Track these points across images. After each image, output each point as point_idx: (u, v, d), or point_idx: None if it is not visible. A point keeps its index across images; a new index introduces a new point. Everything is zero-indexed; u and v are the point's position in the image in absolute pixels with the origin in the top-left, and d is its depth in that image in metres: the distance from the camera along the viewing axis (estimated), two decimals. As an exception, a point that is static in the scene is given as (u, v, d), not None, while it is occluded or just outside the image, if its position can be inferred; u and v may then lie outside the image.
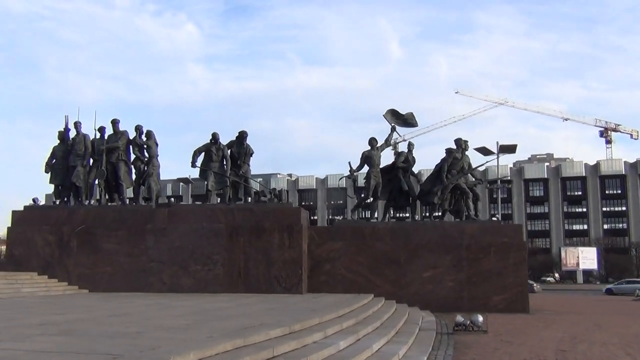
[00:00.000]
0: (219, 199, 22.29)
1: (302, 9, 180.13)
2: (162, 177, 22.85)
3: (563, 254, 73.41)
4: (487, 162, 22.71)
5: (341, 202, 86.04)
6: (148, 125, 25.29)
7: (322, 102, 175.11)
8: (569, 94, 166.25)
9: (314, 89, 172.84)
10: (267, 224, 20.40)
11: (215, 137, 21.43)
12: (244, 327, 8.80)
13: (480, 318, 14.09)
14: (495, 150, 46.68)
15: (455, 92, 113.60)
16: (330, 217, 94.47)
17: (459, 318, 14.18)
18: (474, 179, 22.47)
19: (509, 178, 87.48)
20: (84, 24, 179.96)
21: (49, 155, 22.11)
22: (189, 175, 57.73)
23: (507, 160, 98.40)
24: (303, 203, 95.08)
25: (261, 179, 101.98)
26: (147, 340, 7.27)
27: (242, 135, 21.73)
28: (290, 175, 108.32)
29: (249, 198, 21.72)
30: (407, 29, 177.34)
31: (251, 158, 21.96)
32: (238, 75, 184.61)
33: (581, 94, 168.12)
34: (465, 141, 22.28)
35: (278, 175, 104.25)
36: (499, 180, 43.79)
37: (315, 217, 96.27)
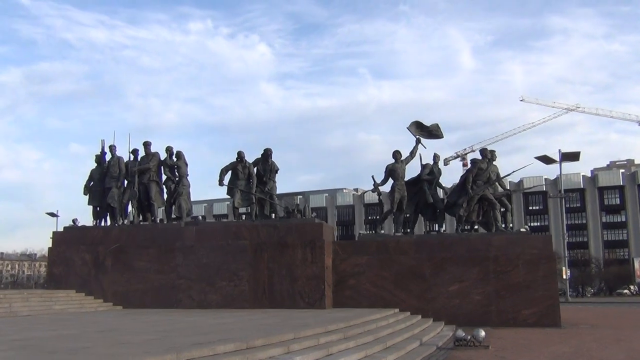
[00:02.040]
0: (244, 216, 22.70)
1: (372, 24, 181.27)
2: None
3: (637, 265, 69.85)
4: (513, 172, 21.98)
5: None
6: (224, 144, 26.23)
7: (394, 115, 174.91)
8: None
9: (386, 103, 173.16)
10: (290, 239, 20.62)
11: (240, 155, 21.91)
12: (199, 343, 9.02)
13: (482, 333, 13.73)
14: (557, 158, 45.78)
15: (520, 100, 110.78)
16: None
17: (460, 333, 13.88)
18: (502, 190, 21.86)
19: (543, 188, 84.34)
20: (163, 50, 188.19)
21: (87, 178, 23.25)
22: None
23: (583, 168, 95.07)
24: (369, 217, 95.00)
25: (327, 194, 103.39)
26: (82, 356, 7.60)
27: (267, 153, 22.10)
28: (356, 189, 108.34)
29: (274, 215, 22.00)
30: (479, 38, 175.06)
31: (277, 175, 22.29)
32: (310, 92, 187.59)
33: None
34: (492, 151, 21.81)
35: (344, 191, 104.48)
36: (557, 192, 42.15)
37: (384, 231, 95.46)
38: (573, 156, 45.57)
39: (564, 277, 48.38)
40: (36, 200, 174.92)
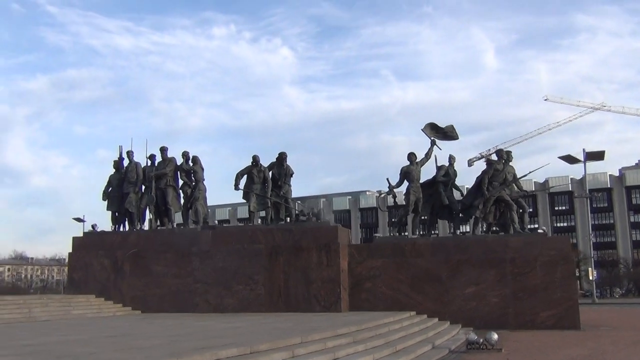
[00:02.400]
0: (259, 220, 22.78)
1: (395, 26, 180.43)
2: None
3: (667, 265, 68.41)
4: (530, 172, 21.69)
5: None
6: (248, 147, 26.46)
7: (418, 117, 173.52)
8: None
9: (410, 105, 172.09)
10: (305, 243, 20.63)
11: (255, 159, 22.00)
12: (203, 347, 9.07)
13: (495, 336, 13.58)
14: (582, 158, 45.10)
15: (545, 99, 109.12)
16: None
17: (472, 336, 13.76)
18: (519, 191, 21.61)
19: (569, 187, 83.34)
20: (187, 55, 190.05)
21: (106, 183, 23.54)
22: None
23: (611, 167, 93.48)
24: (393, 220, 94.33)
25: (350, 197, 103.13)
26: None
27: (282, 157, 22.17)
28: (379, 192, 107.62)
29: (288, 218, 22.05)
30: (502, 38, 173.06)
31: (292, 178, 22.34)
32: (333, 94, 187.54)
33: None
34: (508, 152, 21.60)
35: (367, 193, 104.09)
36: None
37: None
38: (597, 155, 44.83)
39: (591, 278, 47.70)
40: (64, 206, 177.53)
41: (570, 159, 44.31)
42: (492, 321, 19.40)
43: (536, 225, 22.12)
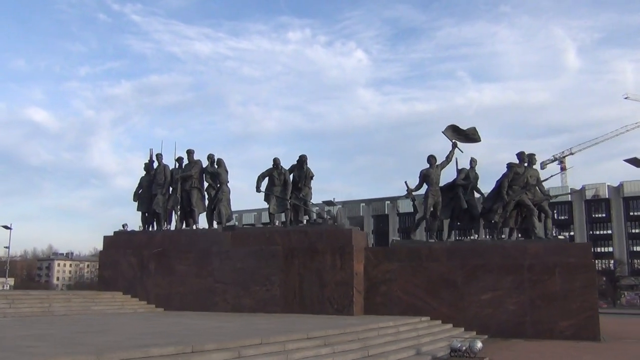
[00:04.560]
0: (277, 222, 23.01)
1: (471, 26, 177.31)
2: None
3: None
4: (551, 176, 20.78)
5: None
6: (323, 150, 26.86)
7: (496, 119, 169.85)
8: None
9: (487, 106, 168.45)
10: (320, 245, 20.71)
11: (275, 162, 22.27)
12: (146, 345, 9.35)
13: (479, 344, 13.19)
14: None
15: (625, 98, 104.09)
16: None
17: (455, 343, 13.40)
18: (542, 195, 20.84)
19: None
20: (263, 60, 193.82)
21: (137, 185, 24.45)
22: (334, 199, 59.17)
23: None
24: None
25: (389, 202, 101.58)
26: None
27: (302, 160, 22.35)
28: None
29: (305, 220, 22.19)
30: (585, 36, 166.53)
31: (312, 181, 22.46)
32: (408, 96, 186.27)
33: None
34: (531, 154, 20.81)
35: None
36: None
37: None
38: (666, 158, 42.57)
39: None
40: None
41: (636, 162, 42.23)
42: (508, 329, 18.92)
43: (556, 233, 21.09)
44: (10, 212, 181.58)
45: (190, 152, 23.70)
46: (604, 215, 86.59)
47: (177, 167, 23.80)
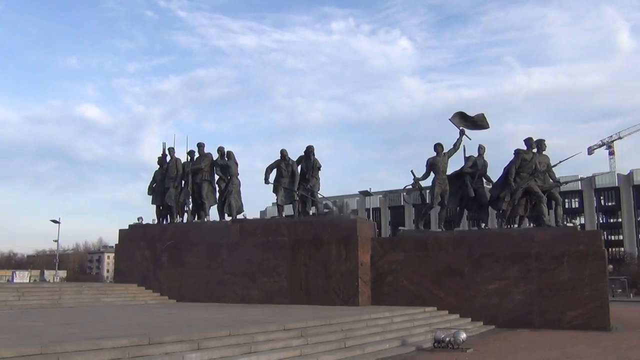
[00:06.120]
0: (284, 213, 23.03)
1: (518, 10, 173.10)
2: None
3: None
4: (560, 162, 20.01)
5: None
6: (368, 140, 26.58)
7: (545, 103, 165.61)
8: None
9: (536, 91, 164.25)
10: (326, 236, 20.65)
11: (282, 153, 22.29)
12: (98, 338, 9.50)
13: (463, 335, 12.95)
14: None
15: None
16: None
17: (439, 334, 13.18)
18: (552, 182, 20.21)
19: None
20: (307, 51, 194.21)
21: (151, 179, 24.87)
22: (370, 188, 58.97)
23: None
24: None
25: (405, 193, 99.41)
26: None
27: (309, 150, 22.27)
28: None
29: (310, 211, 22.15)
30: (638, 16, 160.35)
31: (319, 171, 22.38)
32: (454, 83, 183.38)
33: None
34: (541, 140, 20.18)
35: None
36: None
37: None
38: None
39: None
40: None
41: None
42: (516, 319, 18.53)
43: (569, 221, 20.44)
44: (65, 207, 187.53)
45: (200, 146, 23.92)
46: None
47: (188, 160, 24.07)
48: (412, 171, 20.97)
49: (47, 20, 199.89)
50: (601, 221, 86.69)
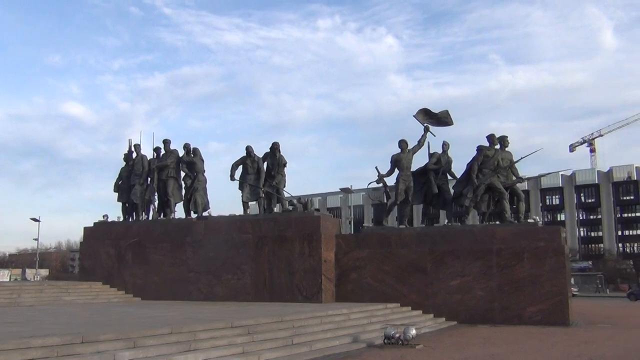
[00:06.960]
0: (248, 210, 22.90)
1: (503, 8, 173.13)
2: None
3: None
4: (522, 158, 20.04)
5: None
6: (355, 137, 26.35)
7: (530, 102, 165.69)
8: None
9: (521, 89, 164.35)
10: (290, 233, 20.56)
11: (248, 150, 22.16)
12: (29, 337, 9.36)
13: (413, 331, 12.93)
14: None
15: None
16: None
17: (389, 330, 13.13)
18: (514, 178, 20.26)
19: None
20: (293, 49, 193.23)
21: (117, 176, 24.62)
22: (351, 185, 58.88)
23: None
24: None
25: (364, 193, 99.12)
26: None
27: (275, 147, 22.16)
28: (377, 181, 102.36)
29: (275, 208, 22.05)
30: (622, 15, 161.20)
31: (285, 168, 22.28)
32: (440, 81, 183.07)
33: None
34: (503, 137, 20.23)
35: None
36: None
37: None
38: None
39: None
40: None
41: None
42: (477, 315, 18.60)
43: (533, 217, 20.48)
44: (49, 205, 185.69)
45: (166, 142, 23.74)
46: (632, 197, 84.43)
47: (154, 157, 23.86)
48: (376, 167, 20.94)
49: (31, 16, 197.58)
50: (581, 218, 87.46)
